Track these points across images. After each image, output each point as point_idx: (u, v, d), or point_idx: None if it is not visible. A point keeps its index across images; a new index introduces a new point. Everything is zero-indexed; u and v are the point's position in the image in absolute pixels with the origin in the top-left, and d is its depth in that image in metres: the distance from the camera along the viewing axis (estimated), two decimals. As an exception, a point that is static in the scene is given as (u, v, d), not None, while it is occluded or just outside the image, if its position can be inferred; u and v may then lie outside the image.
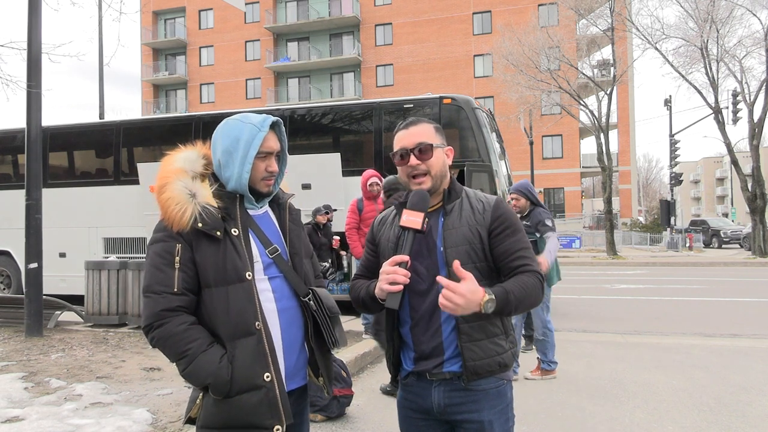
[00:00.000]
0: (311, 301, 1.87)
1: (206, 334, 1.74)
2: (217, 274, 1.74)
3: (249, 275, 1.76)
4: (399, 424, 1.99)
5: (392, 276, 1.71)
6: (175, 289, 1.72)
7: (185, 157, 1.86)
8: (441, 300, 1.66)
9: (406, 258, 1.75)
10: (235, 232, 1.79)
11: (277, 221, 1.95)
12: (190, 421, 1.83)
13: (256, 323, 1.75)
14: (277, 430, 1.74)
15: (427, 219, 1.81)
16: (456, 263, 1.71)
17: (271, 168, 1.86)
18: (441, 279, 1.70)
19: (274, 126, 1.88)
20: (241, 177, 1.81)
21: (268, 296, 1.81)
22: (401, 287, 1.71)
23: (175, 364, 1.75)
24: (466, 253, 1.82)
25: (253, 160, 1.81)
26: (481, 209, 1.87)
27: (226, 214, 1.79)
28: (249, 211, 1.88)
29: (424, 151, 1.87)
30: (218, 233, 1.75)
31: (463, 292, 1.64)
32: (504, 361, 1.85)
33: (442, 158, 1.91)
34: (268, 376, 1.74)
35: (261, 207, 1.92)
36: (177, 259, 1.73)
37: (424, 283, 1.85)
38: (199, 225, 1.74)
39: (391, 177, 5.57)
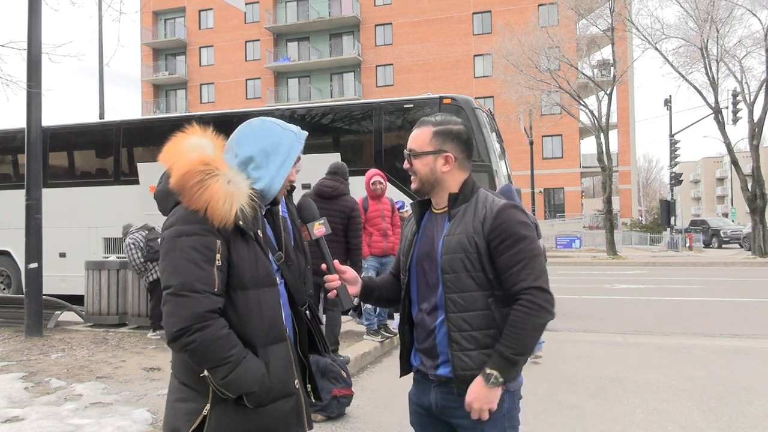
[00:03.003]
0: (307, 311, 1.88)
1: (239, 341, 1.63)
2: (253, 276, 1.66)
3: (279, 279, 1.74)
4: (409, 417, 2.06)
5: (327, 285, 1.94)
6: (215, 289, 1.59)
7: (211, 145, 1.75)
8: (474, 415, 1.80)
9: (323, 266, 1.96)
10: (260, 233, 1.74)
11: (271, 229, 1.92)
12: None
13: (285, 329, 1.73)
14: None
15: (320, 226, 2.01)
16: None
17: (292, 177, 1.87)
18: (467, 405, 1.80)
19: None
20: (275, 180, 1.77)
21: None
22: (334, 292, 1.92)
23: (208, 371, 1.58)
24: (461, 261, 1.82)
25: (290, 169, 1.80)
26: (482, 217, 1.83)
27: (254, 214, 1.73)
28: None
29: (409, 158, 1.96)
30: (253, 233, 1.69)
31: (471, 399, 1.77)
32: None
33: (430, 165, 1.92)
34: (297, 383, 1.73)
35: (262, 212, 1.88)
36: (218, 256, 1.60)
37: (430, 284, 1.90)
38: (241, 223, 1.64)
39: (336, 162, 6.02)
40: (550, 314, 1.79)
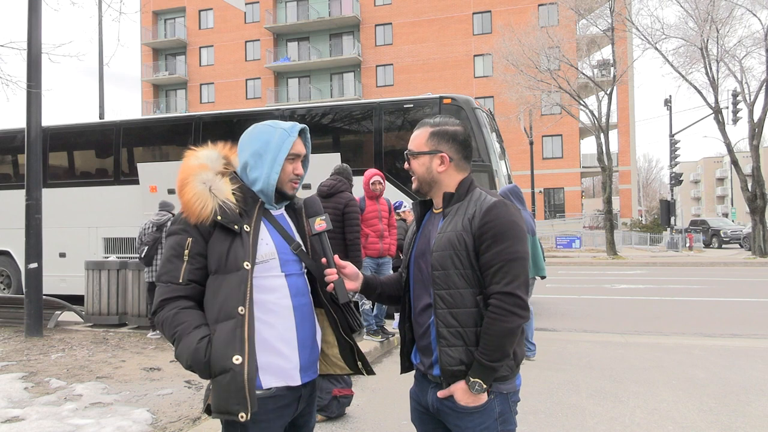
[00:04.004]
0: (335, 291, 1.99)
1: (195, 318, 1.81)
2: (219, 264, 1.82)
3: (247, 265, 1.81)
4: (410, 413, 2.10)
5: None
6: (180, 281, 1.82)
7: (207, 155, 1.94)
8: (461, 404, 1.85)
9: (323, 260, 1.98)
10: (246, 228, 1.86)
11: (294, 225, 2.04)
12: (209, 409, 1.86)
13: (240, 308, 1.78)
14: (242, 417, 1.72)
15: (321, 222, 2.00)
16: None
17: (297, 171, 1.98)
18: (441, 394, 1.87)
19: (301, 132, 2.01)
20: (270, 178, 1.91)
21: (284, 293, 1.89)
22: (331, 286, 1.94)
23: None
24: (450, 258, 1.84)
25: (283, 162, 1.92)
26: (472, 214, 1.85)
27: (243, 211, 1.87)
28: (270, 210, 1.98)
29: (408, 158, 2.02)
30: (236, 227, 1.83)
31: (459, 401, 1.82)
32: None
33: (426, 165, 1.96)
34: (237, 359, 1.73)
35: (279, 208, 2.02)
36: (186, 252, 1.83)
37: (426, 282, 1.92)
38: (219, 218, 1.83)
39: (340, 164, 6.18)
40: (520, 318, 1.78)
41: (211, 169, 1.90)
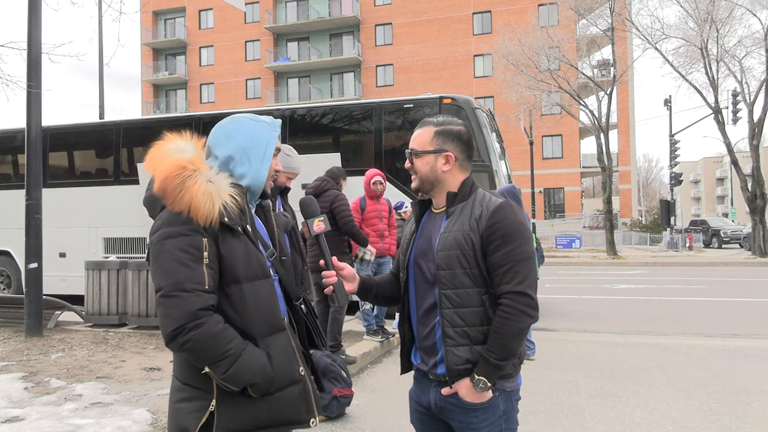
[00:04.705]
0: (302, 305, 1.91)
1: (236, 333, 1.64)
2: (246, 270, 1.68)
3: (271, 270, 1.76)
4: (410, 415, 2.09)
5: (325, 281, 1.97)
6: (206, 287, 1.60)
7: (189, 147, 1.79)
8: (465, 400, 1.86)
9: (321, 262, 1.99)
10: (249, 228, 1.75)
11: (263, 224, 1.92)
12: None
13: (284, 318, 1.75)
14: (313, 423, 1.75)
15: (320, 223, 2.00)
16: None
17: (278, 167, 1.89)
18: (446, 391, 1.87)
19: None
20: (260, 174, 1.80)
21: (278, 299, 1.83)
22: (330, 288, 1.96)
23: (208, 368, 1.60)
24: (456, 258, 1.84)
25: (271, 158, 1.82)
26: (479, 215, 1.85)
27: (240, 211, 1.74)
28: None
29: (410, 157, 2.00)
30: (240, 228, 1.70)
31: (463, 397, 1.83)
32: None
33: (430, 164, 1.95)
34: (302, 370, 1.75)
35: (253, 208, 1.88)
36: (205, 254, 1.62)
37: (429, 281, 1.92)
38: (226, 219, 1.65)
39: (334, 167, 6.20)
40: (531, 318, 1.80)
41: (206, 164, 1.75)
